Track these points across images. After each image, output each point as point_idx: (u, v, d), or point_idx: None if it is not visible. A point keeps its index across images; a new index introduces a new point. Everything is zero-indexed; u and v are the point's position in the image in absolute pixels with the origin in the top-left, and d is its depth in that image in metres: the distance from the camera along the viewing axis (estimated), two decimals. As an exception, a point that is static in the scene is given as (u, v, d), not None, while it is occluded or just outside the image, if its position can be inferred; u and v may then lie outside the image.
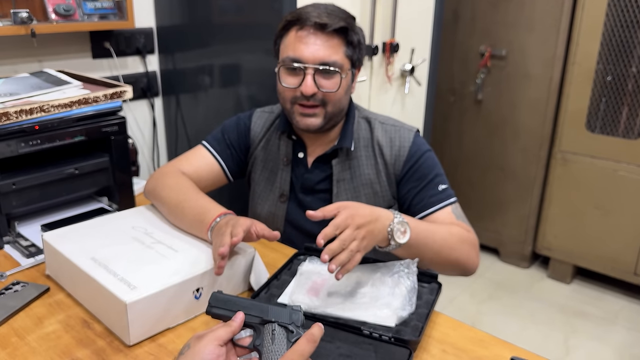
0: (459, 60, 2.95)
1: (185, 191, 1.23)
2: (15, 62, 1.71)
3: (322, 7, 1.22)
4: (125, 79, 1.99)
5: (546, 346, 2.38)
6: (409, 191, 1.31)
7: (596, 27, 2.48)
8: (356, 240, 0.96)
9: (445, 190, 1.28)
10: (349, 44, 1.22)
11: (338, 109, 1.26)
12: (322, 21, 1.18)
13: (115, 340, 0.96)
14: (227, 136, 1.41)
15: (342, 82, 1.22)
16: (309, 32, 1.19)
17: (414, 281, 1.06)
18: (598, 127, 2.61)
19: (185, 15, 1.97)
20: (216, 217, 1.11)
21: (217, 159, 1.39)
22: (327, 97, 1.22)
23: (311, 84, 1.20)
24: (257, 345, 0.76)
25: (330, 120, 1.27)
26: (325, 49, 1.19)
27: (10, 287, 1.10)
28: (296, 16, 1.20)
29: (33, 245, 1.30)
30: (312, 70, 1.20)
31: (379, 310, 0.99)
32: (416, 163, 1.30)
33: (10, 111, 1.22)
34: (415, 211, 1.28)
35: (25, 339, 0.96)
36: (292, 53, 1.21)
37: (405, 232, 1.05)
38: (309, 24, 1.19)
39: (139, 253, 1.09)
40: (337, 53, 1.20)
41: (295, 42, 1.21)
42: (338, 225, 0.95)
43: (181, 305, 1.00)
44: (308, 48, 1.19)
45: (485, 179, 3.04)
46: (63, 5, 1.66)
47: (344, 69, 1.22)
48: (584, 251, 2.76)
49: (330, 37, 1.19)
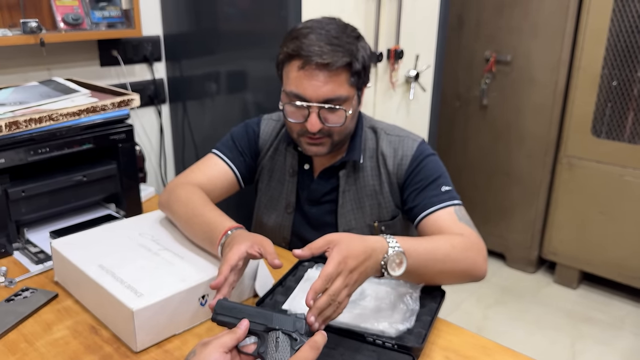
0: (464, 65, 2.95)
1: (194, 205, 1.20)
2: (25, 70, 1.74)
3: (324, 37, 1.15)
4: (133, 86, 2.02)
5: (552, 351, 2.38)
6: (411, 193, 1.28)
7: (601, 32, 2.48)
8: (347, 287, 0.88)
9: (448, 192, 1.24)
10: (354, 74, 1.18)
11: (344, 135, 1.25)
12: (324, 61, 1.12)
13: (122, 346, 0.98)
14: (238, 143, 1.40)
15: (347, 115, 1.19)
16: (312, 71, 1.14)
17: (416, 303, 1.05)
18: (604, 132, 2.61)
19: (192, 23, 1.99)
20: (225, 232, 1.08)
21: (230, 167, 1.38)
22: (333, 129, 1.21)
23: (316, 121, 1.18)
24: (261, 353, 0.77)
25: (337, 146, 1.26)
26: (328, 85, 1.15)
27: (19, 294, 1.12)
28: (297, 50, 1.15)
29: (42, 251, 1.32)
30: (316, 108, 1.17)
31: (378, 322, 0.99)
32: (418, 166, 1.29)
33: (20, 120, 1.25)
34: (417, 212, 1.25)
35: (34, 345, 0.98)
36: (295, 89, 1.17)
37: (400, 263, 0.97)
38: (311, 63, 1.13)
39: (145, 260, 1.10)
40: (342, 87, 1.17)
41: (298, 78, 1.16)
42: (330, 275, 0.86)
43: (187, 312, 1.02)
44: (311, 86, 1.15)
45: (491, 184, 3.04)
46: (71, 14, 1.69)
47: (350, 100, 1.19)
48: (591, 256, 2.76)
49: (333, 72, 1.15)
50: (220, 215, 1.15)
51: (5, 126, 1.22)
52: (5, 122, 1.22)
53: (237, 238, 1.03)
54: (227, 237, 1.06)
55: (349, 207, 1.34)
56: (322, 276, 0.85)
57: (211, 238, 1.10)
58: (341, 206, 1.34)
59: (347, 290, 0.88)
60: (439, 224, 1.19)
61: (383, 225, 1.34)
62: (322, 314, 0.84)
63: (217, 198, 1.34)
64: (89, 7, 1.75)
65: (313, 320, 0.82)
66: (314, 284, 0.85)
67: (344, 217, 1.34)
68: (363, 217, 1.34)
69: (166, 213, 1.29)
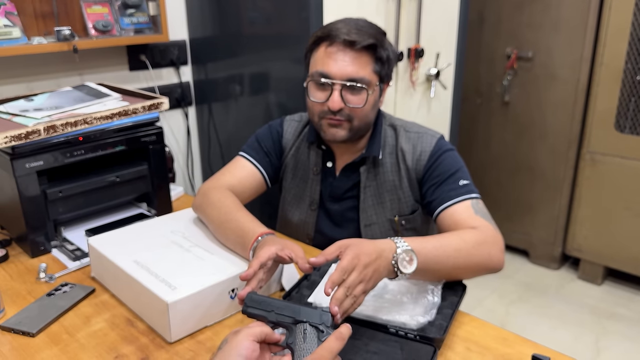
0: (485, 62, 2.96)
1: (227, 210, 1.24)
2: (59, 76, 1.81)
3: (353, 23, 1.23)
4: (161, 89, 2.08)
5: (576, 348, 2.38)
6: (429, 188, 1.30)
7: (624, 27, 2.47)
8: (362, 282, 0.92)
9: (466, 186, 1.26)
10: (377, 60, 1.23)
11: (364, 123, 1.29)
12: (351, 38, 1.19)
13: (157, 337, 1.03)
14: (264, 144, 1.45)
15: (368, 98, 1.24)
16: (338, 48, 1.21)
17: (437, 297, 1.08)
18: (627, 127, 2.59)
19: (216, 28, 2.04)
20: (257, 238, 1.11)
21: (258, 168, 1.42)
22: (353, 112, 1.24)
23: (338, 99, 1.22)
24: (289, 344, 0.81)
25: (356, 133, 1.29)
26: (353, 66, 1.21)
27: (59, 289, 1.18)
28: (326, 32, 1.22)
29: (78, 249, 1.38)
30: (339, 86, 1.22)
31: (400, 314, 1.02)
32: (436, 161, 1.31)
33: (57, 124, 1.31)
34: (435, 206, 1.27)
35: (74, 336, 1.03)
36: (320, 68, 1.23)
37: (411, 261, 1.00)
38: (338, 41, 1.20)
39: (178, 256, 1.16)
40: (365, 69, 1.22)
41: (324, 57, 1.23)
42: (345, 268, 0.90)
43: (218, 305, 1.07)
44: (336, 64, 1.21)
45: (514, 180, 3.04)
46: (102, 21, 1.75)
47: (372, 85, 1.24)
48: (615, 252, 2.75)
49: (358, 53, 1.21)
50: (253, 220, 1.19)
51: (43, 130, 1.28)
52: (43, 126, 1.28)
53: (269, 241, 1.07)
54: (258, 242, 1.10)
55: (369, 202, 1.37)
56: (338, 269, 0.90)
57: (243, 243, 1.14)
58: (362, 201, 1.37)
59: (362, 286, 0.92)
60: (456, 217, 1.21)
61: (403, 219, 1.37)
62: (341, 306, 0.88)
63: (247, 199, 1.39)
64: (118, 14, 1.81)
65: (336, 310, 0.86)
66: (331, 275, 0.90)
67: (365, 212, 1.38)
68: (384, 212, 1.37)
69: (199, 216, 1.34)
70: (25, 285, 1.21)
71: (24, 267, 1.30)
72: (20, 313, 1.08)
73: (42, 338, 1.02)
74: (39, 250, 1.36)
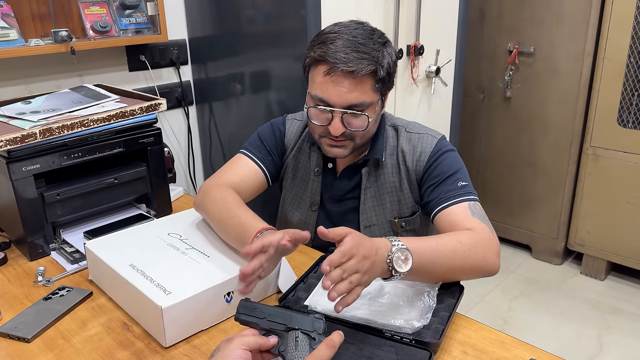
0: (487, 58, 2.95)
1: (228, 207, 1.23)
2: (57, 77, 1.81)
3: (351, 43, 1.16)
4: (161, 89, 2.08)
5: (579, 343, 2.37)
6: (428, 188, 1.30)
7: (626, 21, 2.45)
8: (359, 272, 0.92)
9: (464, 187, 1.24)
10: (378, 80, 1.20)
11: (366, 139, 1.28)
12: (349, 69, 1.14)
13: (152, 342, 1.03)
14: (266, 142, 1.44)
15: (370, 121, 1.22)
16: (338, 75, 1.16)
17: (433, 300, 1.08)
18: (630, 121, 2.58)
19: (216, 27, 2.04)
20: (257, 233, 1.11)
21: (260, 166, 1.41)
22: (355, 134, 1.23)
23: (339, 125, 1.20)
24: (281, 351, 0.81)
25: (358, 148, 1.29)
26: (353, 92, 1.17)
27: (56, 292, 1.18)
28: (323, 57, 1.17)
29: (77, 251, 1.38)
30: (340, 113, 1.20)
31: (395, 319, 1.02)
32: (435, 162, 1.30)
33: (53, 127, 1.31)
34: (432, 206, 1.26)
35: (70, 341, 1.04)
36: (320, 93, 1.20)
37: (406, 260, 0.99)
38: (336, 71, 1.16)
39: (174, 259, 1.16)
40: (366, 93, 1.19)
41: (323, 83, 1.19)
42: (345, 252, 0.91)
43: (213, 309, 1.07)
44: (336, 92, 1.17)
45: (516, 175, 3.03)
46: (100, 22, 1.75)
47: (373, 104, 1.22)
48: (618, 247, 2.74)
49: (358, 80, 1.17)
50: (254, 216, 1.19)
51: (39, 133, 1.28)
52: (39, 129, 1.28)
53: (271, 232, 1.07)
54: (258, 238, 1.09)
55: (370, 203, 1.37)
56: (338, 251, 0.91)
57: (244, 239, 1.13)
58: (363, 203, 1.37)
59: (359, 276, 0.92)
60: (452, 218, 1.20)
61: (403, 221, 1.37)
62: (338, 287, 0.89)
63: (249, 197, 1.38)
64: (117, 14, 1.81)
65: (328, 285, 0.87)
66: (330, 256, 0.90)
67: (365, 213, 1.37)
68: (384, 213, 1.37)
69: (201, 213, 1.34)
70: (22, 289, 1.22)
71: (22, 271, 1.31)
72: (16, 318, 1.09)
73: (38, 343, 1.03)
74: (37, 253, 1.36)
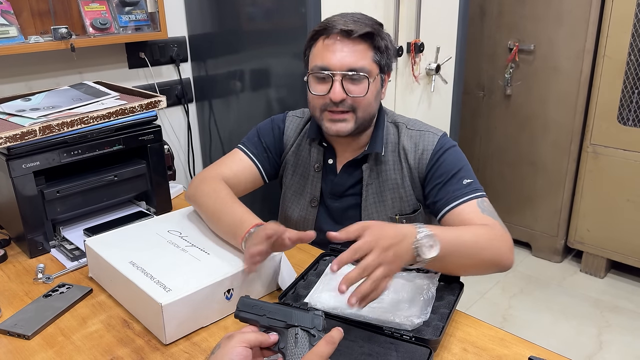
0: (487, 55, 2.94)
1: (221, 200, 1.25)
2: (57, 74, 1.81)
3: (349, 16, 1.24)
4: (160, 86, 2.08)
5: (579, 341, 2.38)
6: (434, 188, 1.29)
7: (627, 18, 2.45)
8: (382, 265, 0.90)
9: (470, 184, 1.24)
10: (376, 49, 1.24)
11: (368, 114, 1.28)
12: (347, 28, 1.20)
13: (152, 339, 1.03)
14: (264, 139, 1.44)
15: (370, 87, 1.23)
16: (336, 39, 1.22)
17: (433, 293, 1.08)
18: (630, 119, 2.58)
19: (216, 24, 2.03)
20: (250, 229, 1.13)
21: (254, 163, 1.42)
22: (356, 102, 1.24)
23: (339, 90, 1.22)
24: (281, 348, 0.81)
25: (361, 125, 1.28)
26: (352, 55, 1.21)
27: (56, 289, 1.18)
28: (323, 25, 1.23)
29: (77, 248, 1.38)
30: (340, 76, 1.22)
31: (394, 315, 1.02)
32: (438, 160, 1.30)
33: (53, 124, 1.31)
34: (440, 206, 1.25)
35: (70, 338, 1.04)
36: (319, 61, 1.23)
37: (433, 246, 0.98)
38: (335, 32, 1.21)
39: (173, 256, 1.16)
40: (365, 58, 1.22)
41: (323, 50, 1.23)
42: (358, 249, 0.89)
43: (213, 306, 1.07)
44: (335, 55, 1.21)
45: (516, 173, 3.03)
46: (100, 19, 1.75)
47: (372, 74, 1.24)
48: (618, 245, 2.74)
49: (356, 43, 1.21)
50: (248, 211, 1.20)
51: (39, 130, 1.28)
52: (39, 126, 1.28)
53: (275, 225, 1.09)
54: (250, 234, 1.11)
55: (371, 200, 1.37)
56: (350, 248, 0.89)
57: (236, 233, 1.15)
58: (364, 199, 1.37)
59: (382, 270, 0.90)
60: (463, 217, 1.20)
61: (404, 218, 1.37)
62: (359, 289, 0.88)
63: (242, 192, 1.39)
64: (116, 11, 1.81)
65: (344, 289, 0.86)
66: (341, 255, 0.89)
67: (366, 210, 1.37)
68: (385, 210, 1.37)
69: (193, 205, 1.35)
70: (22, 286, 1.22)
71: (22, 268, 1.31)
72: (16, 315, 1.09)
73: (38, 340, 1.03)
74: (37, 251, 1.36)
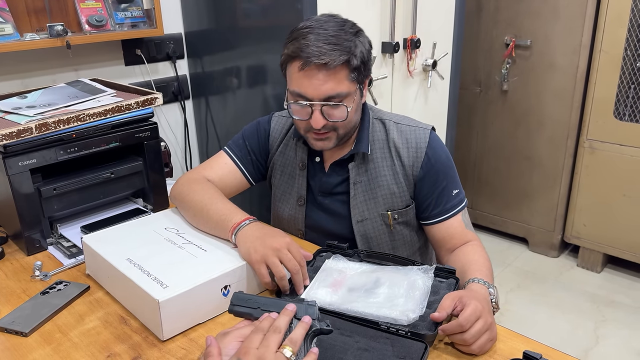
0: (484, 51, 2.94)
1: (211, 195, 1.29)
2: (53, 72, 1.81)
3: (322, 37, 1.18)
4: (157, 83, 2.07)
5: (575, 335, 2.39)
6: (426, 194, 1.35)
7: (623, 13, 2.45)
8: (488, 331, 0.98)
9: (457, 195, 1.35)
10: (352, 69, 1.21)
11: (350, 128, 1.30)
12: (322, 61, 1.16)
13: (150, 335, 1.03)
14: (248, 142, 1.46)
15: (349, 110, 1.23)
16: (311, 70, 1.18)
17: (428, 286, 1.10)
18: (627, 114, 2.58)
19: (212, 20, 2.03)
20: (243, 220, 1.17)
21: (238, 166, 1.44)
22: (337, 124, 1.25)
23: (319, 118, 1.22)
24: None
25: (344, 138, 1.31)
26: (328, 84, 1.19)
27: (54, 287, 1.19)
28: (296, 52, 1.19)
29: (74, 246, 1.38)
30: (318, 105, 1.21)
31: (390, 310, 1.03)
32: (433, 166, 1.33)
33: (49, 122, 1.31)
34: (432, 216, 1.36)
35: (67, 335, 1.04)
36: (297, 89, 1.21)
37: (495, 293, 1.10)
38: (310, 65, 1.17)
39: (170, 253, 1.16)
40: (342, 83, 1.20)
41: (299, 78, 1.20)
42: (468, 319, 0.96)
43: (210, 302, 1.07)
44: (312, 85, 1.19)
45: (513, 169, 3.04)
46: (95, 16, 1.75)
47: (351, 94, 1.23)
48: (614, 239, 2.75)
49: (332, 71, 1.18)
50: (237, 207, 1.25)
51: (35, 128, 1.28)
52: (35, 124, 1.28)
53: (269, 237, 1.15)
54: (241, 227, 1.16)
55: (361, 198, 1.37)
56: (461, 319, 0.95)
57: (226, 223, 1.19)
58: (353, 197, 1.37)
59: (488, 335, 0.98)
60: (451, 231, 1.34)
61: (396, 213, 1.37)
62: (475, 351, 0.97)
63: (227, 195, 1.39)
64: (112, 8, 1.80)
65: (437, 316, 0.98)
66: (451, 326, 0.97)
67: (356, 208, 1.38)
68: (376, 207, 1.37)
69: (177, 204, 1.37)
70: (20, 284, 1.22)
71: (20, 265, 1.31)
72: (14, 312, 1.09)
73: (35, 337, 1.03)
74: (34, 248, 1.36)
